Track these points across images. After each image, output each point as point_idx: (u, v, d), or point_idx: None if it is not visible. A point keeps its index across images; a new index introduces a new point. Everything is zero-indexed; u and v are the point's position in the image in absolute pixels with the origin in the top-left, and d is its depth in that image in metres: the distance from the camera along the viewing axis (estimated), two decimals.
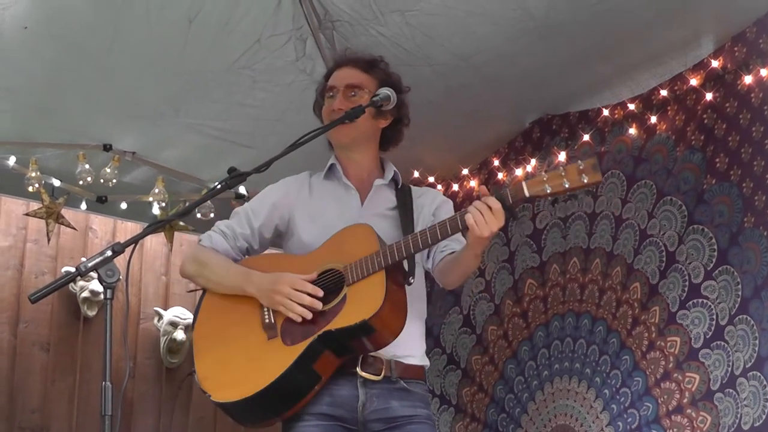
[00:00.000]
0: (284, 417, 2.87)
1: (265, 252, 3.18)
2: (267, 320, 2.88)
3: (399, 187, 3.16)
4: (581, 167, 2.65)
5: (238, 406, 2.83)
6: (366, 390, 2.88)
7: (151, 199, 5.02)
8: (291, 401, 2.83)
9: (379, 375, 2.88)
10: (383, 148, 3.19)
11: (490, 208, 2.66)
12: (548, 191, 2.68)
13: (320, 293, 2.83)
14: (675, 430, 3.97)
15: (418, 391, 2.98)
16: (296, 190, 3.12)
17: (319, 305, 2.81)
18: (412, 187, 3.21)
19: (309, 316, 2.80)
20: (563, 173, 2.66)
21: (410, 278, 2.89)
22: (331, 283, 2.87)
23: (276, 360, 2.80)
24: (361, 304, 2.78)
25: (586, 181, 2.64)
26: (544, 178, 2.69)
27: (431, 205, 3.15)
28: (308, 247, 3.00)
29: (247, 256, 3.11)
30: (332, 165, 3.13)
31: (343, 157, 3.13)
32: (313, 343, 2.78)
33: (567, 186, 2.66)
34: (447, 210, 3.15)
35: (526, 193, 2.70)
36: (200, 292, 3.10)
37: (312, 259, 2.94)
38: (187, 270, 3.08)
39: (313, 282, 2.86)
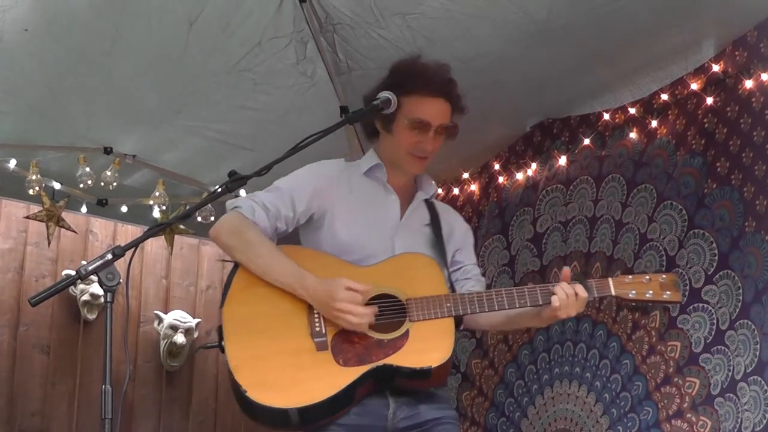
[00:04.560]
0: (309, 428, 2.81)
1: (311, 248, 3.01)
2: (317, 327, 2.79)
3: (429, 200, 3.12)
4: (662, 280, 2.86)
5: (274, 411, 2.74)
6: (395, 398, 2.84)
7: (151, 202, 5.02)
8: (324, 417, 2.78)
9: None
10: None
11: (577, 295, 2.79)
12: (632, 296, 2.85)
13: (374, 311, 2.78)
14: None
15: (444, 394, 2.96)
16: (337, 181, 3.00)
17: (373, 334, 2.76)
18: (434, 200, 3.17)
19: (367, 328, 2.75)
20: (647, 282, 2.86)
21: (461, 326, 2.91)
22: (390, 311, 2.81)
23: (327, 378, 2.74)
24: (426, 348, 2.76)
25: (666, 297, 2.86)
26: (627, 281, 2.87)
27: (459, 229, 3.15)
28: (342, 247, 2.91)
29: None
30: (377, 165, 3.03)
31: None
32: (368, 373, 2.74)
33: (649, 296, 2.85)
34: (471, 240, 3.19)
35: (613, 292, 2.86)
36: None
37: (368, 275, 2.85)
38: (223, 239, 2.90)
39: (368, 304, 2.79)
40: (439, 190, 5.19)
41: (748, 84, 3.87)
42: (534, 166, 4.86)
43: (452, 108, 2.98)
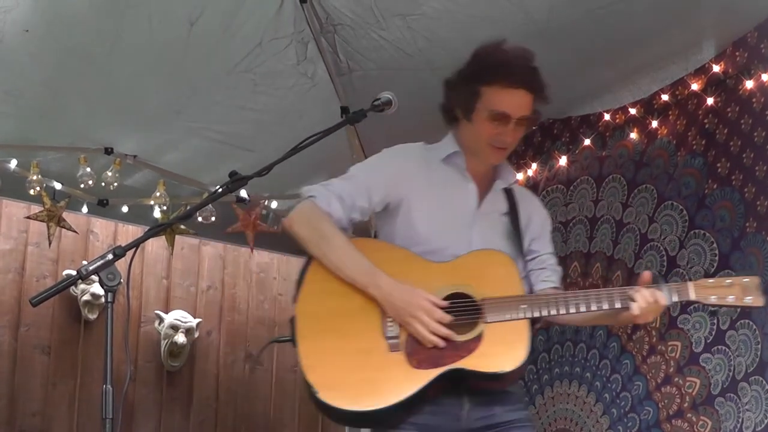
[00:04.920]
0: (380, 429, 2.78)
1: (384, 241, 2.92)
2: (390, 327, 2.72)
3: (507, 188, 3.04)
4: (745, 283, 2.74)
5: (345, 413, 2.69)
6: (470, 398, 2.78)
7: (152, 202, 5.02)
8: (396, 419, 2.71)
9: None
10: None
11: (656, 301, 2.71)
12: (712, 301, 2.74)
13: (450, 320, 2.71)
14: None
15: (517, 391, 2.92)
16: (415, 169, 2.91)
17: (453, 337, 2.69)
18: (513, 186, 3.08)
19: (442, 345, 2.68)
20: (728, 285, 2.74)
21: (537, 324, 2.83)
22: (464, 311, 2.74)
23: (400, 380, 2.67)
24: (500, 351, 2.69)
25: (748, 302, 2.74)
26: (707, 284, 2.76)
27: (537, 217, 3.06)
28: (417, 237, 2.83)
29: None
30: (456, 153, 2.94)
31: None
32: (441, 375, 2.67)
33: (731, 301, 2.74)
34: (549, 228, 3.10)
35: (692, 296, 2.75)
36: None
37: (443, 272, 2.79)
38: (296, 230, 2.81)
39: (445, 308, 2.72)
40: None
41: (749, 84, 3.87)
42: (534, 166, 4.86)
43: (534, 97, 2.89)
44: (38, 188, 4.75)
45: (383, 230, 2.95)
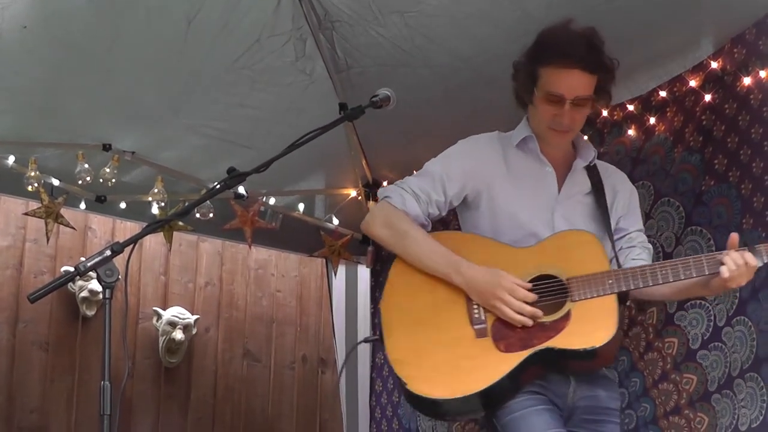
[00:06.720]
0: (484, 413, 2.76)
1: (465, 232, 2.95)
2: (476, 314, 2.74)
3: (590, 165, 3.02)
4: None
5: (441, 403, 2.71)
6: (574, 377, 2.80)
7: (150, 198, 5.02)
8: (491, 405, 2.72)
9: None
10: None
11: (746, 264, 2.68)
12: None
13: (534, 298, 2.71)
14: (672, 430, 3.97)
15: (612, 377, 2.94)
16: (491, 160, 2.94)
17: (540, 315, 2.70)
18: (596, 162, 3.06)
19: (530, 324, 2.68)
20: None
21: (627, 301, 2.83)
22: (550, 292, 2.75)
23: (489, 364, 2.68)
24: (589, 328, 2.69)
25: None
26: None
27: (623, 192, 3.06)
28: (502, 227, 2.85)
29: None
30: (529, 137, 2.95)
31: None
32: (532, 356, 2.68)
33: None
34: (636, 202, 3.09)
35: None
36: None
37: (527, 256, 2.80)
38: (374, 231, 2.88)
39: (530, 289, 2.73)
40: None
41: (747, 81, 3.87)
42: None
43: (597, 77, 2.87)
44: (36, 184, 4.75)
45: (466, 224, 2.97)
